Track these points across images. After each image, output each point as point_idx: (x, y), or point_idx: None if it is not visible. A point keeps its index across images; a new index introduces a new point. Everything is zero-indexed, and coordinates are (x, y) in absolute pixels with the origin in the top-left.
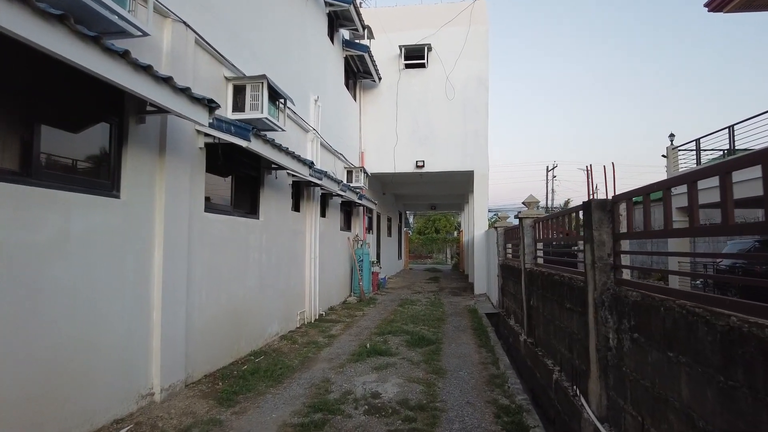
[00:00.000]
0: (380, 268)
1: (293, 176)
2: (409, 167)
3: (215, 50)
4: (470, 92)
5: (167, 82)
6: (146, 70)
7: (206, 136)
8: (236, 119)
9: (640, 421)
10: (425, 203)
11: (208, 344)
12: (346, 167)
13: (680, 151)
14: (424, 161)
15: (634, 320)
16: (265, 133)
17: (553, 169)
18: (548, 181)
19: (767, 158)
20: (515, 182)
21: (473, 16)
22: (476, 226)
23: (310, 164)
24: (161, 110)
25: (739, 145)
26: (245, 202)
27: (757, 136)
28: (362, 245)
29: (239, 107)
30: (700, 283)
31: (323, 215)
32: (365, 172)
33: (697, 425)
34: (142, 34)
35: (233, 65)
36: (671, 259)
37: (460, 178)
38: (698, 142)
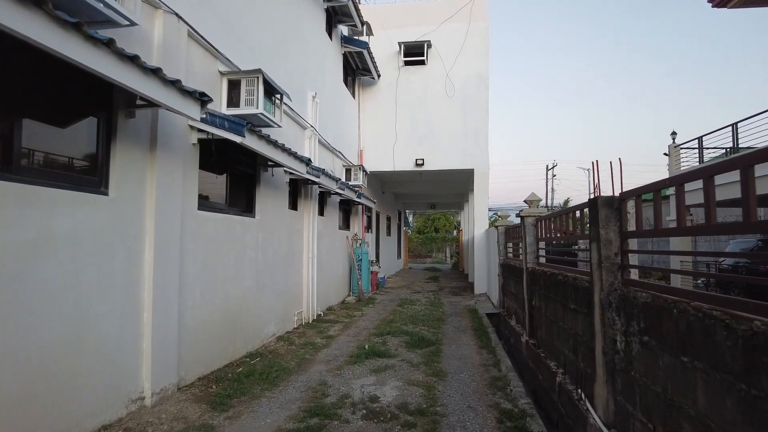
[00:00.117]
0: (379, 267)
1: (290, 174)
2: (408, 165)
3: (209, 44)
4: (470, 90)
5: (156, 73)
6: (133, 60)
7: (199, 131)
8: (231, 115)
9: (650, 428)
10: (425, 202)
11: (201, 346)
12: (344, 165)
13: (682, 149)
14: (423, 159)
15: (643, 322)
16: (260, 129)
17: (553, 168)
18: (548, 180)
19: None
20: (514, 182)
21: (473, 12)
22: (476, 225)
23: (307, 161)
24: (151, 104)
25: (742, 143)
26: (241, 200)
27: (762, 133)
28: (361, 244)
29: (234, 102)
30: (701, 282)
31: (321, 214)
32: (364, 170)
33: None
34: (129, 23)
35: (228, 60)
36: (673, 258)
37: (459, 176)
38: (701, 140)
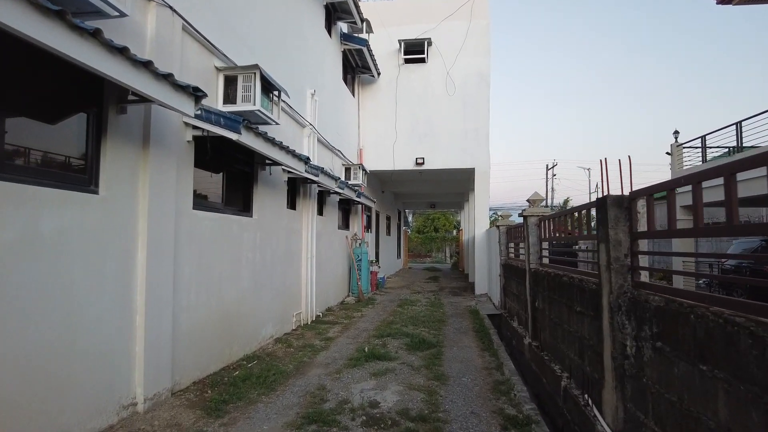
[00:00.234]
0: (379, 267)
1: (288, 172)
2: (408, 164)
3: (205, 38)
4: (471, 88)
5: (146, 66)
6: (122, 52)
7: (194, 128)
8: (227, 111)
9: None
10: (425, 201)
11: (197, 349)
12: (344, 164)
13: (684, 148)
14: (423, 158)
15: (656, 327)
16: (257, 126)
17: (553, 167)
18: (548, 179)
19: None
20: (513, 181)
21: (474, 10)
22: (477, 224)
23: (305, 160)
24: (143, 99)
25: (746, 142)
26: (238, 199)
27: (766, 132)
28: (361, 244)
29: (230, 99)
30: (703, 283)
31: (320, 213)
32: (364, 169)
33: None
34: (119, 14)
35: (225, 55)
36: (675, 259)
37: (460, 175)
38: (704, 139)
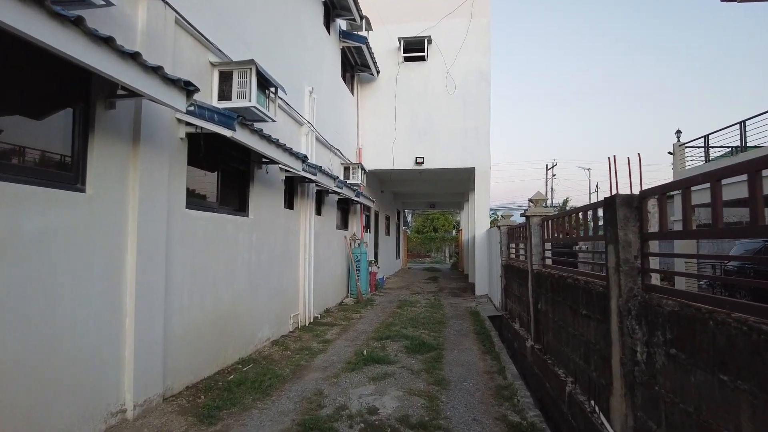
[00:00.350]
0: (378, 267)
1: (286, 171)
2: (408, 164)
3: (199, 32)
4: (471, 86)
5: (134, 58)
6: (107, 42)
7: (187, 125)
8: (222, 107)
9: None
10: (424, 201)
11: (190, 352)
12: (342, 163)
13: (687, 148)
14: (423, 158)
15: (670, 333)
16: (253, 123)
17: (552, 167)
18: (548, 179)
19: None
20: (512, 181)
21: (475, 7)
22: (477, 224)
23: (303, 158)
24: (132, 93)
25: (750, 142)
26: (233, 198)
27: None
28: (360, 244)
29: (225, 95)
30: (704, 284)
31: (318, 213)
32: (363, 168)
33: None
34: (105, 3)
35: (220, 50)
36: (677, 261)
37: (460, 175)
38: (707, 138)
